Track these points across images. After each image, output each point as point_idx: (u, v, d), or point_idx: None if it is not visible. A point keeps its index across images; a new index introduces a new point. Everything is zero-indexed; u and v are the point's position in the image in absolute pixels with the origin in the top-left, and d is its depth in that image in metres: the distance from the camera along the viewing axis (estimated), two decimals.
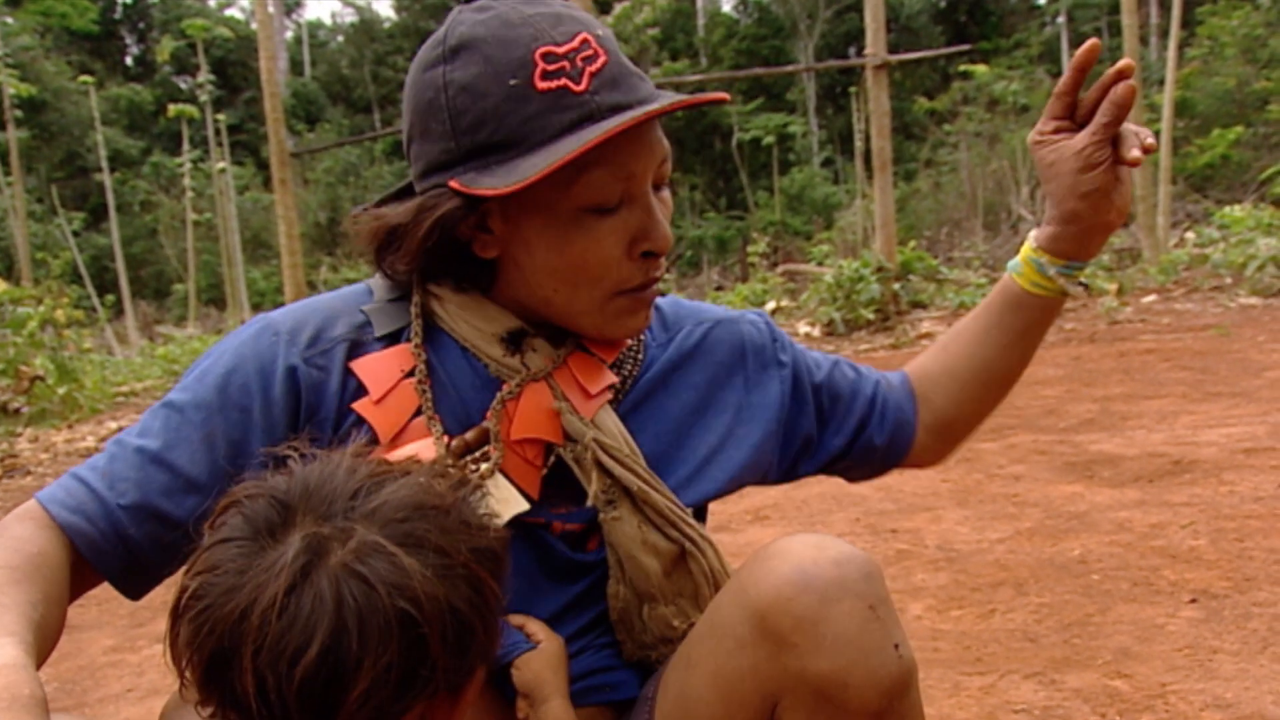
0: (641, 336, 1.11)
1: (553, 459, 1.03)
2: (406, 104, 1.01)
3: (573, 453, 1.02)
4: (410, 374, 1.01)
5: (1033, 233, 1.16)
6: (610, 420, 1.05)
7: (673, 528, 1.03)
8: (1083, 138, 1.07)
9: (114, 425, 7.17)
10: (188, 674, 0.72)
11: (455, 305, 1.04)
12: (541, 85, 0.93)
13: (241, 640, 0.68)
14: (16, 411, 7.37)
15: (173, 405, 0.99)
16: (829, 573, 0.87)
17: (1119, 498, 3.10)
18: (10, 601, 0.83)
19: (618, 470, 1.02)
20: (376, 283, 1.08)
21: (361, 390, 1.00)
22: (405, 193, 1.05)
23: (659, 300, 1.16)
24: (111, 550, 0.95)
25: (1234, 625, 2.10)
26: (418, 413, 1.00)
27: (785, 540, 0.93)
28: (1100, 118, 1.06)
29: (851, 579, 0.87)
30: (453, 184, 0.95)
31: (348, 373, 1.01)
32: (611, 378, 1.06)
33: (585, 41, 0.95)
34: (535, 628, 1.01)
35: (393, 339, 1.03)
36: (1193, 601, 2.25)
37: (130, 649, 2.70)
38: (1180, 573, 2.42)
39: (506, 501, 1.00)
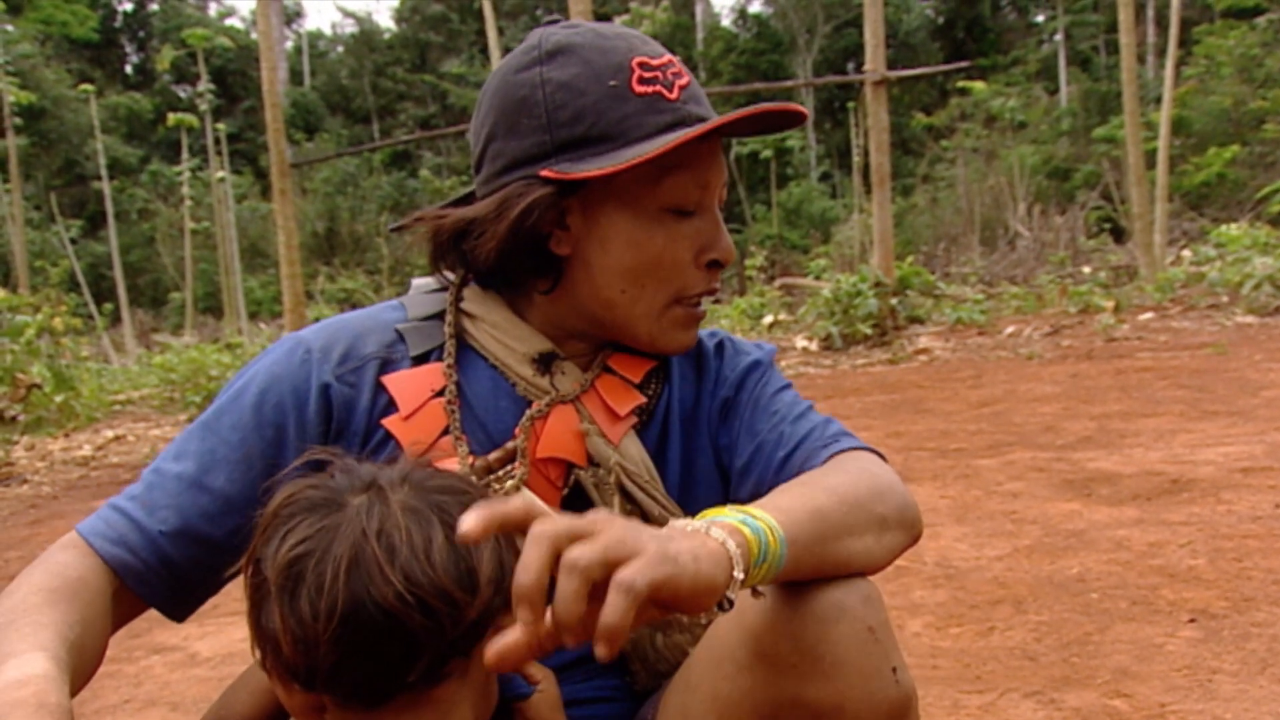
0: (664, 359, 1.13)
1: (572, 480, 1.04)
2: (488, 107, 1.03)
3: (594, 477, 1.03)
4: (440, 393, 1.03)
5: None
6: (634, 446, 1.06)
7: None
8: None
9: (110, 434, 7.15)
10: (321, 637, 0.76)
11: (488, 324, 1.06)
12: (639, 89, 1.00)
13: (366, 557, 0.76)
14: (13, 419, 7.36)
15: (208, 427, 1.00)
16: (827, 595, 0.86)
17: (1117, 516, 3.10)
18: (48, 620, 0.84)
19: (639, 495, 1.03)
20: (410, 300, 1.10)
21: (391, 407, 1.02)
22: (464, 202, 1.08)
23: (701, 333, 1.18)
24: (156, 578, 0.95)
25: (1233, 645, 2.10)
26: (445, 431, 1.02)
27: None
28: None
29: (850, 602, 0.86)
30: (544, 173, 0.99)
31: (378, 389, 1.03)
32: (638, 399, 1.08)
33: (672, 61, 1.03)
34: (534, 669, 1.01)
35: (424, 359, 1.05)
36: (1191, 621, 2.25)
37: (127, 659, 2.69)
38: (1179, 592, 2.43)
39: None
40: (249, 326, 16.94)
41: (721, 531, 0.76)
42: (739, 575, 0.75)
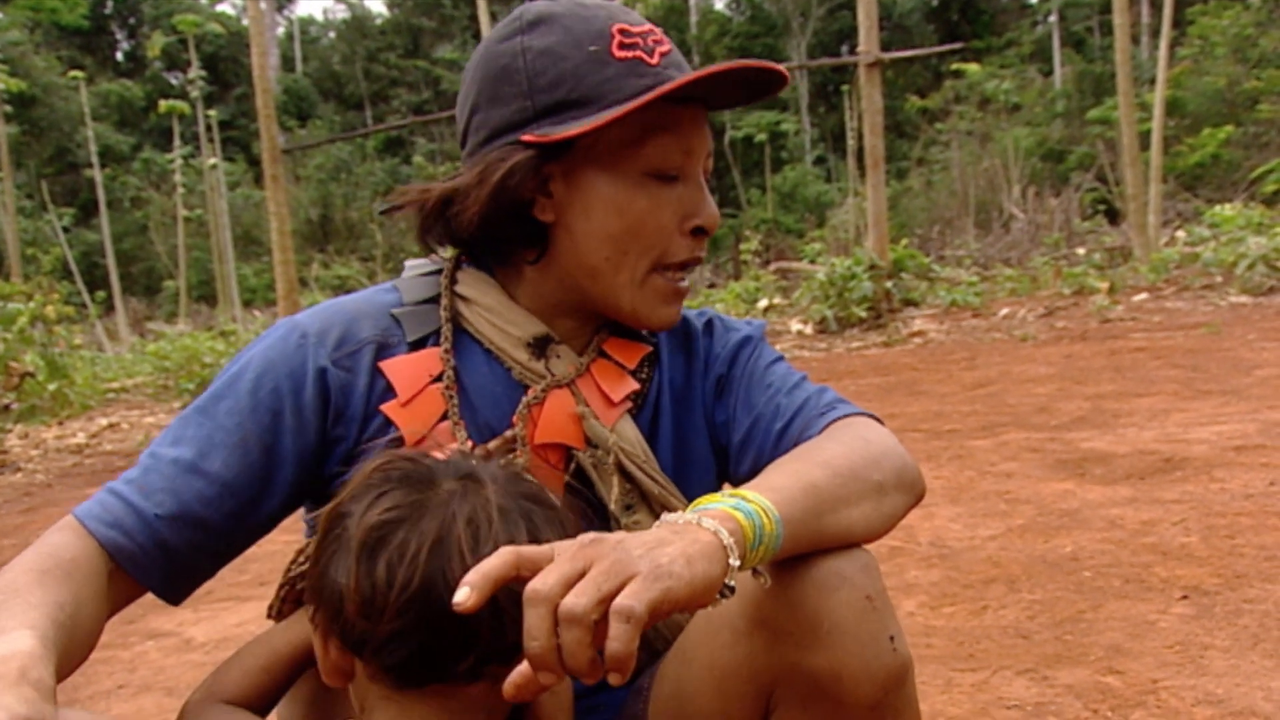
0: (656, 343, 1.13)
1: (573, 464, 1.04)
2: (470, 79, 1.04)
3: (592, 458, 1.03)
4: (438, 378, 1.03)
5: None
6: (630, 428, 1.06)
7: None
8: None
9: (104, 422, 7.14)
10: (389, 604, 0.77)
11: (482, 308, 1.06)
12: (619, 54, 1.00)
13: (453, 550, 0.77)
14: (6, 408, 7.34)
15: (205, 411, 1.00)
16: (826, 563, 0.86)
17: (1110, 495, 3.11)
18: (37, 600, 0.83)
19: (638, 475, 1.03)
20: (404, 283, 1.09)
21: (389, 392, 1.02)
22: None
23: (689, 313, 1.18)
24: (151, 562, 0.95)
25: (1225, 622, 2.11)
26: (444, 417, 1.02)
27: None
28: None
29: (848, 570, 0.86)
30: (525, 138, 0.99)
31: (375, 374, 1.02)
32: (633, 385, 1.08)
33: (652, 30, 1.03)
34: None
35: (421, 343, 1.05)
36: (1184, 598, 2.25)
37: (122, 645, 2.68)
38: (1171, 569, 2.43)
39: None
40: (243, 314, 16.92)
41: (713, 521, 0.77)
42: (734, 563, 0.76)
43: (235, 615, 2.84)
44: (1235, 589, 2.27)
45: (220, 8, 37.80)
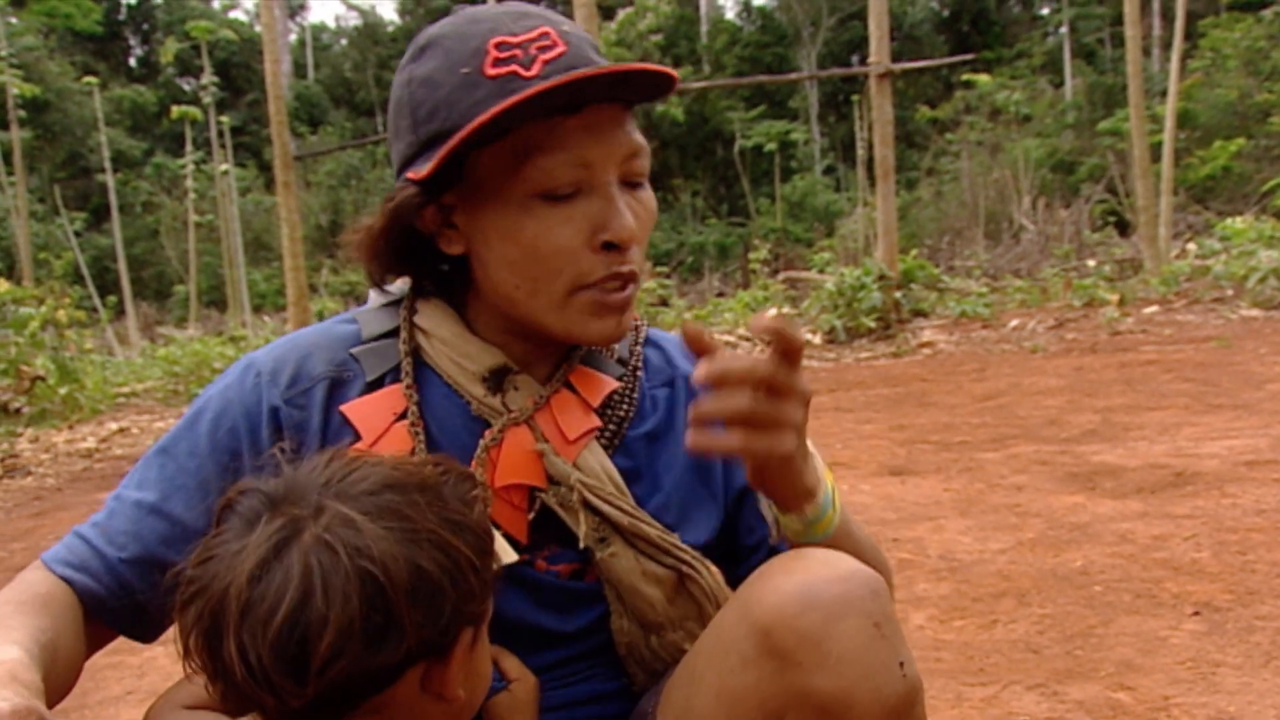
0: (638, 374, 1.09)
1: (538, 503, 1.02)
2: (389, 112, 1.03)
3: (556, 496, 1.01)
4: (402, 416, 1.01)
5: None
6: (594, 460, 1.03)
7: (667, 555, 1.03)
8: None
9: (114, 426, 7.17)
10: (193, 657, 0.77)
11: (440, 341, 1.03)
12: (491, 71, 0.92)
13: (225, 613, 0.74)
14: (17, 411, 7.37)
15: (166, 453, 1.01)
16: (834, 589, 0.85)
17: (1121, 509, 3.10)
18: (18, 624, 0.86)
19: (605, 508, 1.01)
20: (364, 315, 1.07)
21: (344, 429, 1.01)
22: None
23: (664, 336, 1.14)
24: (117, 604, 0.96)
25: (1237, 638, 2.10)
26: (412, 453, 1.00)
27: (789, 555, 0.92)
28: None
29: (857, 596, 0.85)
30: (409, 175, 0.96)
31: (329, 411, 1.01)
32: (594, 421, 1.04)
33: (545, 34, 0.94)
34: (510, 664, 1.00)
35: (379, 383, 1.03)
36: (1195, 614, 2.25)
37: (130, 651, 2.69)
38: (1183, 585, 2.42)
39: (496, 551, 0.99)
40: (252, 319, 16.96)
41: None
42: (815, 511, 0.95)
43: None
44: (1247, 605, 2.26)
45: (233, 14, 37.98)
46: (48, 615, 0.89)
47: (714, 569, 1.06)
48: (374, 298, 1.10)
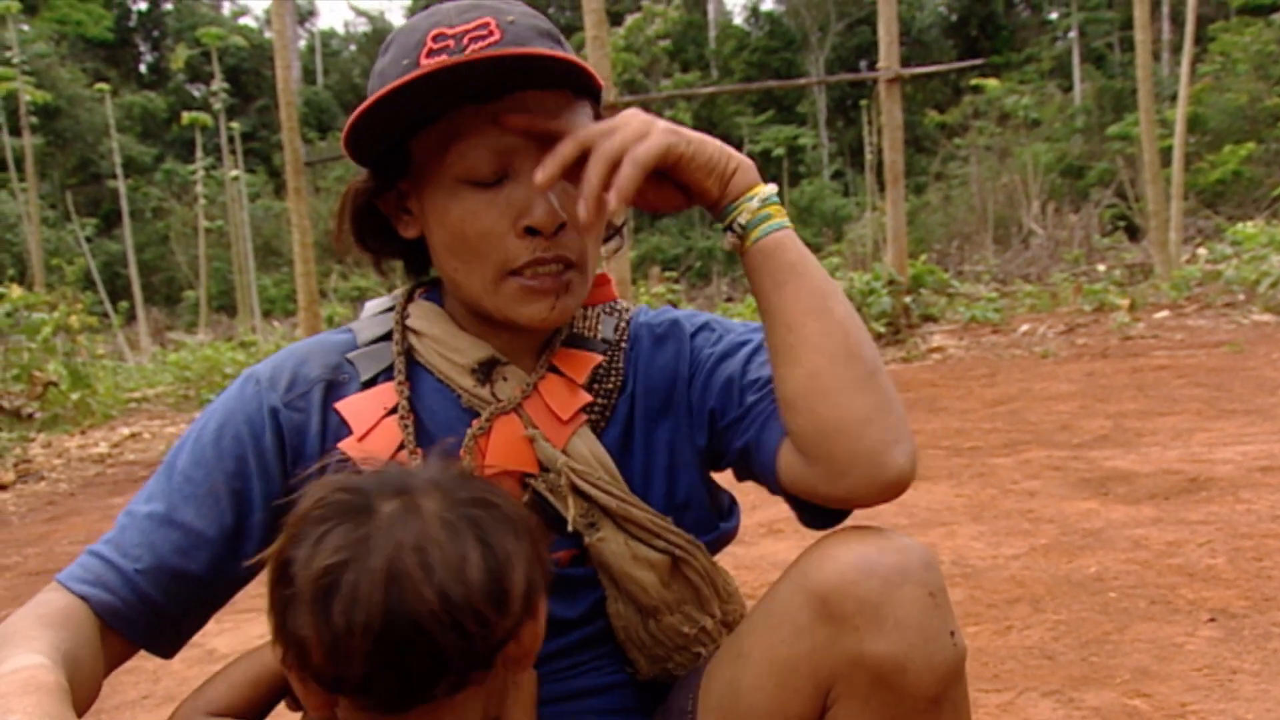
0: (622, 346, 1.11)
1: (529, 492, 1.03)
2: None
3: (545, 482, 1.03)
4: (393, 410, 1.04)
5: None
6: (585, 445, 1.05)
7: (658, 538, 1.04)
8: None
9: (126, 431, 7.19)
10: (354, 650, 0.75)
11: (430, 339, 1.07)
12: (424, 62, 0.95)
13: (405, 569, 0.76)
14: (30, 417, 7.40)
15: (174, 466, 1.03)
16: (891, 559, 0.89)
17: (1135, 515, 3.09)
18: (39, 635, 0.88)
19: (594, 492, 1.02)
20: (359, 325, 1.12)
21: (343, 429, 1.03)
22: None
23: (653, 316, 1.15)
24: (136, 616, 0.97)
25: (1254, 645, 2.09)
26: (401, 447, 1.02)
27: (845, 531, 0.95)
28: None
29: (913, 566, 0.89)
30: (354, 160, 1.03)
31: (328, 412, 1.04)
32: (584, 398, 1.06)
33: (484, 24, 0.96)
34: None
35: (373, 381, 1.07)
36: (1211, 621, 2.24)
37: (145, 656, 2.69)
38: (1198, 591, 2.41)
39: None
40: (262, 324, 17.01)
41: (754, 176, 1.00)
42: (768, 188, 0.99)
43: (258, 626, 2.85)
44: (1264, 612, 2.25)
45: (243, 21, 38.13)
46: (66, 629, 0.90)
47: (704, 549, 1.07)
48: (369, 308, 1.14)
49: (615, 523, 1.03)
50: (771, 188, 0.99)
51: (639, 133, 0.94)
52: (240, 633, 2.82)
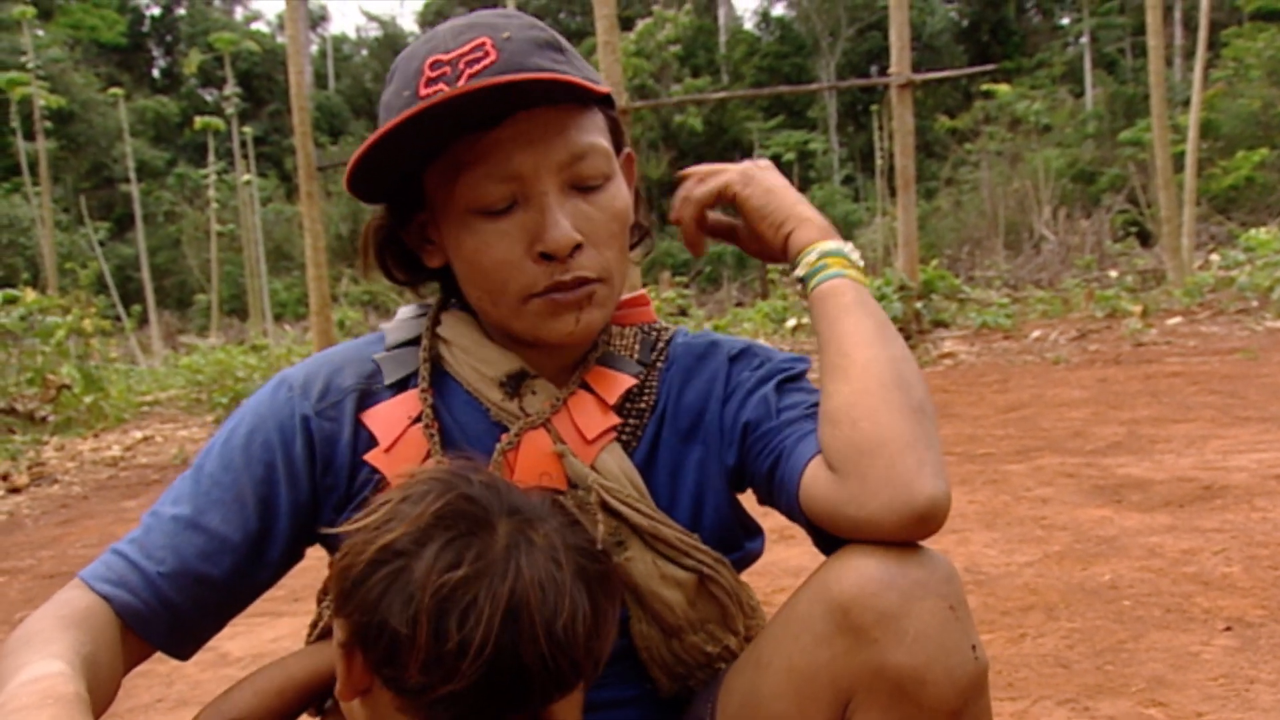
0: (658, 366, 1.10)
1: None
2: None
3: (574, 499, 1.01)
4: (418, 419, 1.03)
5: None
6: (614, 461, 1.04)
7: (687, 556, 1.03)
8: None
9: (139, 435, 7.22)
10: (456, 668, 0.76)
11: (460, 349, 1.06)
12: (423, 91, 0.94)
13: (526, 621, 0.77)
14: (43, 420, 7.44)
15: (202, 469, 1.02)
16: (913, 571, 0.88)
17: (1149, 522, 3.07)
18: (58, 638, 0.88)
19: (624, 510, 1.01)
20: (390, 328, 1.11)
21: (374, 440, 1.03)
22: None
23: (692, 338, 1.14)
24: (155, 618, 0.97)
25: (1270, 654, 2.08)
26: (428, 456, 1.02)
27: (866, 544, 0.93)
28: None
29: (934, 579, 0.88)
30: (364, 200, 1.04)
31: (359, 423, 1.03)
32: (612, 419, 1.05)
33: (479, 45, 0.94)
34: None
35: (401, 386, 1.06)
36: (1227, 629, 2.22)
37: (159, 659, 2.68)
38: (1214, 600, 2.40)
39: None
40: (274, 328, 17.07)
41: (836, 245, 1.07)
42: (847, 250, 1.06)
43: (271, 630, 2.85)
44: None
45: (254, 26, 38.33)
46: (86, 630, 0.91)
47: (730, 566, 1.07)
48: (403, 312, 1.13)
49: (644, 541, 1.02)
50: (835, 244, 1.05)
51: (712, 172, 1.12)
52: (254, 636, 2.83)
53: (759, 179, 1.10)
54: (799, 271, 1.05)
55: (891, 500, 0.90)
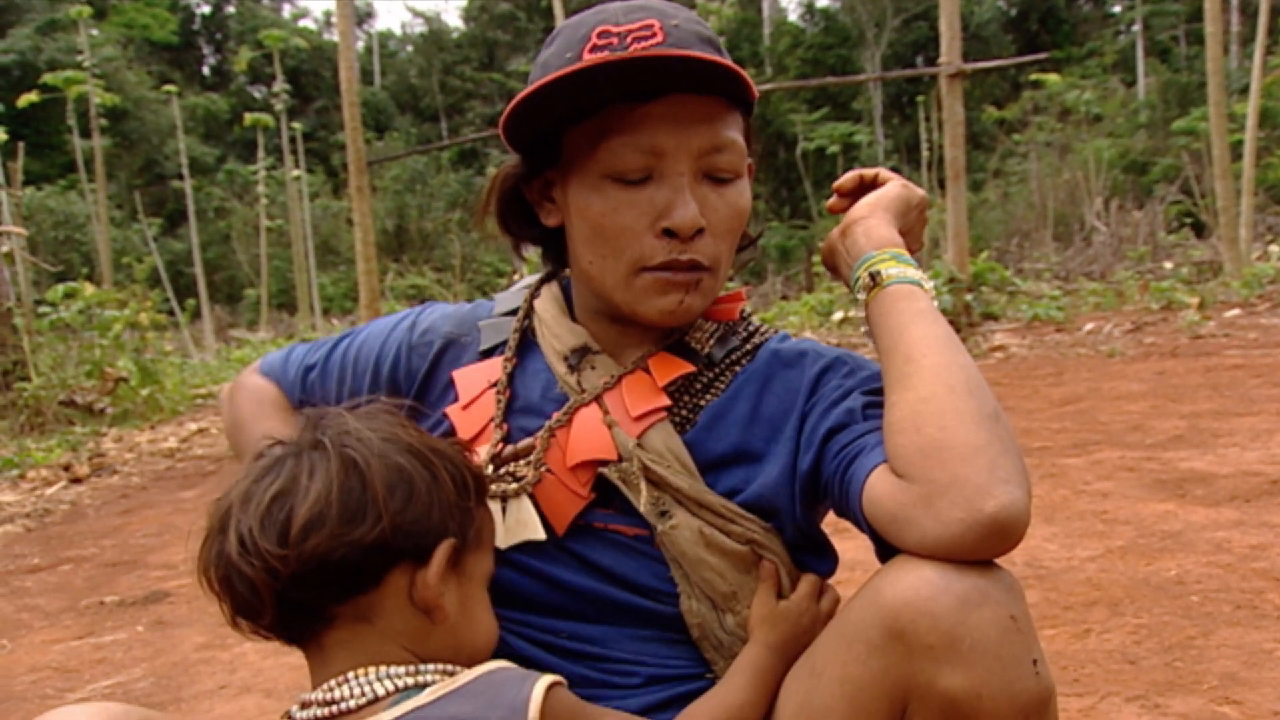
0: (735, 368, 1.10)
1: (597, 480, 1.06)
2: None
3: (618, 472, 1.03)
4: (495, 384, 1.12)
5: None
6: (661, 439, 1.05)
7: (733, 524, 1.03)
8: None
9: (194, 427, 7.34)
10: (208, 573, 0.91)
11: (543, 322, 1.13)
12: (587, 57, 0.97)
13: (229, 507, 0.90)
14: (101, 412, 7.58)
15: (322, 346, 1.26)
16: (969, 579, 0.83)
17: (1215, 517, 3.01)
18: (267, 416, 1.23)
19: (666, 476, 1.03)
20: (501, 296, 1.21)
21: (448, 390, 1.15)
22: None
23: (787, 344, 1.14)
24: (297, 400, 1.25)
25: None
26: (491, 421, 1.10)
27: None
28: None
29: (993, 588, 0.84)
30: (507, 143, 1.08)
31: (436, 367, 1.16)
32: (662, 400, 1.07)
33: (648, 25, 0.98)
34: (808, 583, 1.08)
35: (491, 352, 1.15)
36: None
37: (221, 646, 2.75)
38: None
39: (523, 524, 1.05)
40: (321, 322, 17.26)
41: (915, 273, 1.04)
42: (920, 277, 1.03)
43: None
44: None
45: (302, 23, 38.74)
46: (277, 417, 1.22)
47: (780, 541, 1.06)
48: (520, 283, 1.22)
49: (688, 509, 1.03)
50: (884, 262, 1.04)
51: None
52: None
53: (883, 206, 1.12)
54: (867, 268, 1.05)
55: (959, 506, 0.84)
